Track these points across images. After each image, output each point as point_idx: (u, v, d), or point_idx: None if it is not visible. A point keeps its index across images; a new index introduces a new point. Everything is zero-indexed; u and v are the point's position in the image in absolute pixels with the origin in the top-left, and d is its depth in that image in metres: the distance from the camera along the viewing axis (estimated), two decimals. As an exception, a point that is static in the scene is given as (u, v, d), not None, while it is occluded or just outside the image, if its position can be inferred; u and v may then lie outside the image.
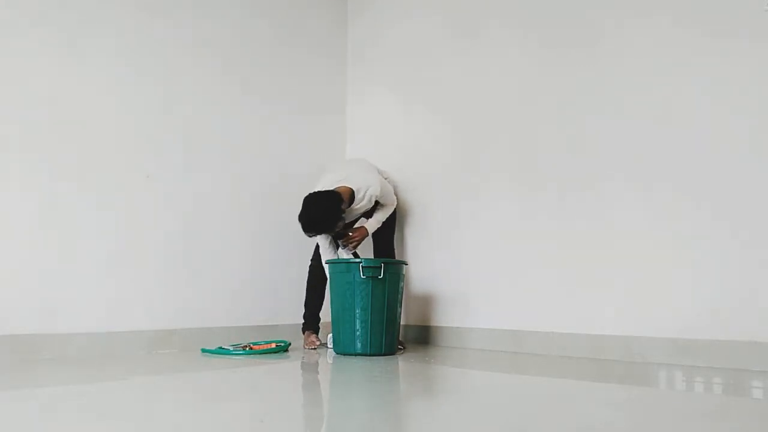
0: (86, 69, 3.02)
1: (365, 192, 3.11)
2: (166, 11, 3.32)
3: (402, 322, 3.39)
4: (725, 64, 2.50)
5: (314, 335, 3.31)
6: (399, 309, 3.08)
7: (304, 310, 3.36)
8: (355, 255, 3.22)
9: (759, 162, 2.39)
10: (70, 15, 2.99)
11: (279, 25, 3.82)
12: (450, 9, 3.57)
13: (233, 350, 3.01)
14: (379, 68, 3.94)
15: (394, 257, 3.39)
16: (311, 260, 3.38)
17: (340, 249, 3.23)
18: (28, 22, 2.87)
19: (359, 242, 3.20)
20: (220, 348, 3.07)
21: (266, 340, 3.35)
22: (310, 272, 3.37)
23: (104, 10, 3.10)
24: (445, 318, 3.46)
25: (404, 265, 3.12)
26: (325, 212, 2.96)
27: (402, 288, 3.10)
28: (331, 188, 3.07)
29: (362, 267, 2.90)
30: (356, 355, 2.91)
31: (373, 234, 3.30)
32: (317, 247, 3.31)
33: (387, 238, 3.36)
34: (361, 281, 2.91)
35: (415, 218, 3.67)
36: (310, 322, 3.34)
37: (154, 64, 3.26)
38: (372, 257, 3.34)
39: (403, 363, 2.68)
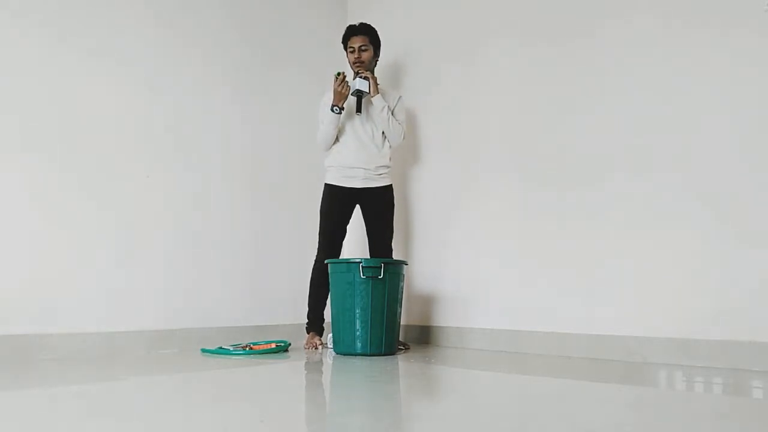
0: (86, 69, 3.03)
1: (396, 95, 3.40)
2: (166, 10, 3.33)
3: (402, 322, 3.38)
4: (726, 63, 2.50)
5: (317, 337, 3.28)
6: (399, 309, 3.08)
7: (307, 310, 3.31)
8: (359, 94, 3.23)
9: (760, 161, 2.39)
10: (69, 15, 3.00)
11: (281, 25, 3.83)
12: (448, 16, 3.58)
13: (233, 350, 3.01)
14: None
15: (391, 257, 3.37)
16: (315, 260, 3.28)
17: (356, 79, 3.24)
18: (28, 22, 2.88)
19: (370, 75, 3.27)
20: (220, 348, 3.07)
21: (266, 340, 3.35)
22: (313, 272, 3.28)
23: (103, 9, 3.10)
24: (445, 318, 3.46)
25: (404, 265, 3.12)
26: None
27: (402, 288, 3.10)
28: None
29: (362, 267, 2.90)
30: (356, 355, 2.91)
31: (370, 233, 3.31)
32: (320, 245, 3.28)
33: (386, 240, 3.32)
34: (361, 281, 2.91)
35: (415, 218, 3.67)
36: (315, 323, 3.30)
37: (155, 63, 3.26)
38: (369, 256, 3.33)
39: (403, 363, 2.68)
